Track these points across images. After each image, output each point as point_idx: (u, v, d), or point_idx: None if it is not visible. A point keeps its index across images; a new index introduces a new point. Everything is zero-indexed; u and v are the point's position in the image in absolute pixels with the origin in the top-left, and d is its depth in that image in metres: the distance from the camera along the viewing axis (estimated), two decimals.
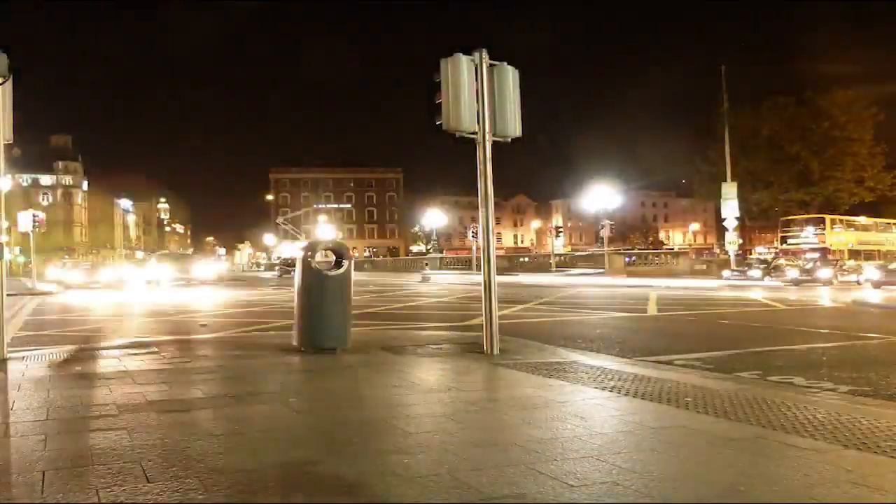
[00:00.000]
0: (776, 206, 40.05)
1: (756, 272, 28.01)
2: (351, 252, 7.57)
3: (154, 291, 25.17)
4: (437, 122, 6.81)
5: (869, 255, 33.37)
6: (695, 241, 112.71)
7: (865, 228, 34.75)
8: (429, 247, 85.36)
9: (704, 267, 37.21)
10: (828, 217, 33.48)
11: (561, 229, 32.37)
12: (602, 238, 31.62)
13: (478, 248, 24.75)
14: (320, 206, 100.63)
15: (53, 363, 6.53)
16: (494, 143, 6.96)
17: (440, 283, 30.89)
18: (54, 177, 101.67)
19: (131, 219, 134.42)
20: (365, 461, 3.23)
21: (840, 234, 33.57)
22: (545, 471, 3.04)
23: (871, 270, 23.59)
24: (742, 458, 3.28)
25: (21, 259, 56.10)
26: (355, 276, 7.76)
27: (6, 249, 7.03)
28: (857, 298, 16.63)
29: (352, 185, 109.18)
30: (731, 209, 32.52)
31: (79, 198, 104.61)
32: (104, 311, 15.74)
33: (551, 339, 8.86)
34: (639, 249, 64.14)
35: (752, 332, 10.37)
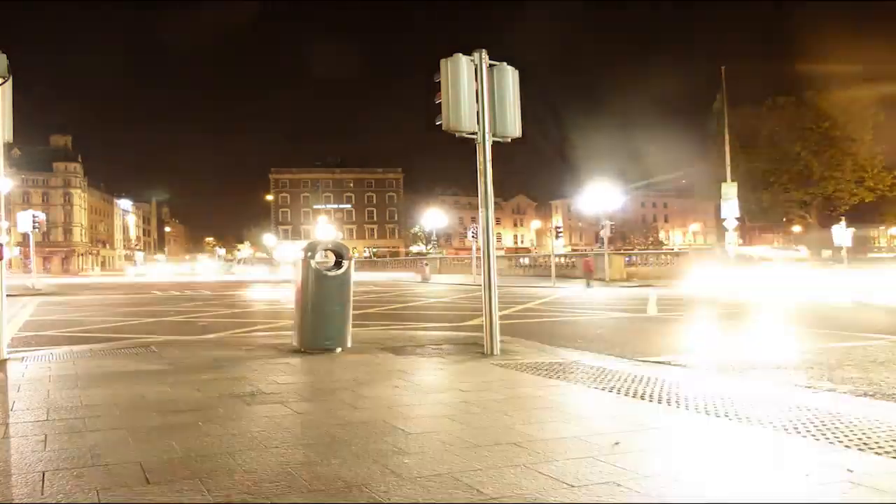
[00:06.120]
0: (776, 206, 40.05)
1: None
2: (351, 252, 7.58)
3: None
4: (437, 123, 6.81)
5: None
6: (695, 241, 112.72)
7: None
8: (429, 247, 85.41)
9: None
10: None
11: (561, 229, 32.25)
12: (602, 238, 31.56)
13: (478, 249, 24.74)
14: (320, 206, 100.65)
15: (53, 363, 6.53)
16: (494, 143, 6.97)
17: (440, 283, 30.90)
18: (54, 177, 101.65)
19: (131, 219, 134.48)
20: (365, 461, 3.23)
21: None
22: (545, 471, 3.04)
23: None
24: (742, 457, 3.28)
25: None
26: (355, 276, 7.75)
27: (6, 249, 7.02)
28: (859, 298, 16.63)
29: (352, 185, 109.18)
30: (731, 209, 32.45)
31: (79, 198, 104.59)
32: (105, 312, 15.73)
33: (552, 339, 8.86)
34: (639, 250, 64.10)
35: (752, 332, 10.36)
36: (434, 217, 51.44)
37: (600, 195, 30.45)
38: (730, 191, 32.42)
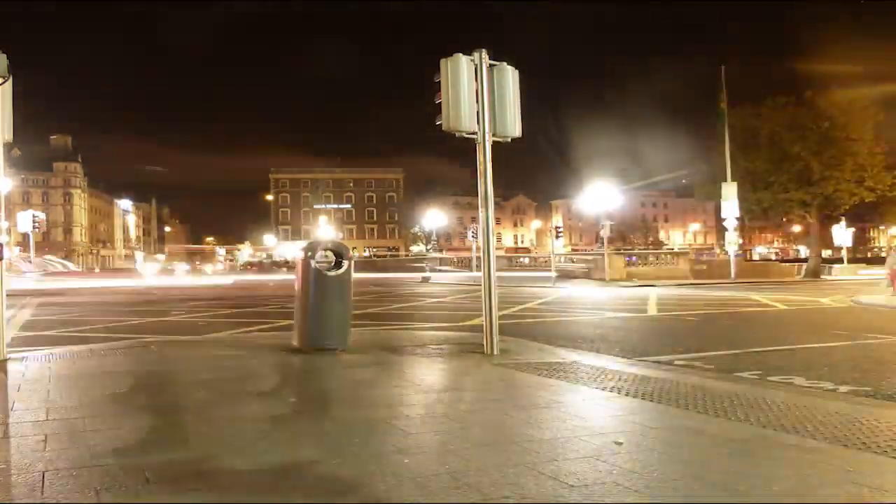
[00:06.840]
0: (776, 206, 40.00)
1: None
2: (351, 252, 7.57)
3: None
4: (437, 122, 6.81)
5: None
6: (695, 241, 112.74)
7: None
8: (429, 247, 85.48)
9: (704, 267, 37.14)
10: None
11: (561, 229, 32.25)
12: (602, 238, 31.59)
13: (478, 249, 24.77)
14: (320, 206, 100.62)
15: (53, 363, 6.53)
16: (494, 143, 6.96)
17: (440, 283, 30.91)
18: (54, 177, 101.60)
19: (131, 219, 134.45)
20: (365, 461, 3.23)
21: None
22: (545, 471, 3.04)
23: None
24: (742, 458, 3.28)
25: None
26: (355, 276, 7.76)
27: (6, 249, 7.02)
28: (858, 299, 16.64)
29: (352, 185, 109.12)
30: (731, 209, 32.55)
31: (79, 198, 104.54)
32: (105, 312, 15.73)
33: (551, 339, 8.86)
34: (639, 250, 64.16)
35: (752, 332, 10.37)
36: (434, 217, 51.55)
37: (600, 195, 30.49)
38: (730, 191, 32.49)
